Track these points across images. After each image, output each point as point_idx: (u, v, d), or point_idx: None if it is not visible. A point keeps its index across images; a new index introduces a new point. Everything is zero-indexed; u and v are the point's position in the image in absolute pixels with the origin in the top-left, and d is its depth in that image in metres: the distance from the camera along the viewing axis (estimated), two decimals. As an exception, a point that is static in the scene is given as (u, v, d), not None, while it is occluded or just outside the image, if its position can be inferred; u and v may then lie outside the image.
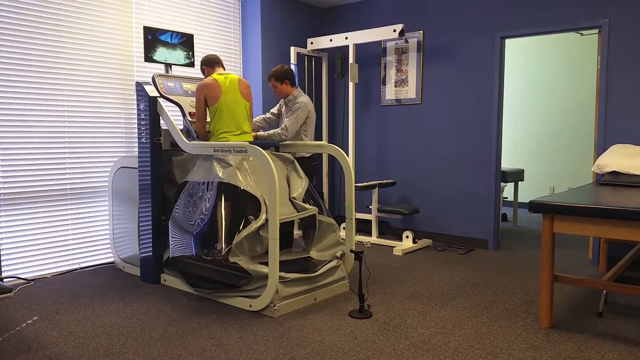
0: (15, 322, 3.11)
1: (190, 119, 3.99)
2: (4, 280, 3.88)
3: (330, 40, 5.52)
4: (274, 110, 4.49)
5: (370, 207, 5.46)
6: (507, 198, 7.58)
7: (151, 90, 3.89)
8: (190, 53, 4.30)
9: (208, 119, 4.00)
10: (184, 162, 4.08)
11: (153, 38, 4.03)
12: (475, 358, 2.62)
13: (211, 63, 4.00)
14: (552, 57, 7.48)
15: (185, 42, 4.26)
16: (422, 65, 5.44)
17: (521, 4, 4.77)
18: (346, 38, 5.39)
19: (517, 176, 6.47)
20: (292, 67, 5.51)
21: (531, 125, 7.70)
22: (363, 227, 5.88)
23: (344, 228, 5.46)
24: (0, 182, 3.85)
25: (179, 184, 3.93)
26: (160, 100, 3.90)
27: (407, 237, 5.15)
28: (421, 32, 5.41)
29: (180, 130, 3.83)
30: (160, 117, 3.91)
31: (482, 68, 5.03)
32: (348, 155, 5.60)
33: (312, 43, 5.68)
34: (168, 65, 4.17)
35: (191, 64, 4.32)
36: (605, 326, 3.05)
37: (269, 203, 3.16)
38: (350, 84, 5.37)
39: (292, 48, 5.53)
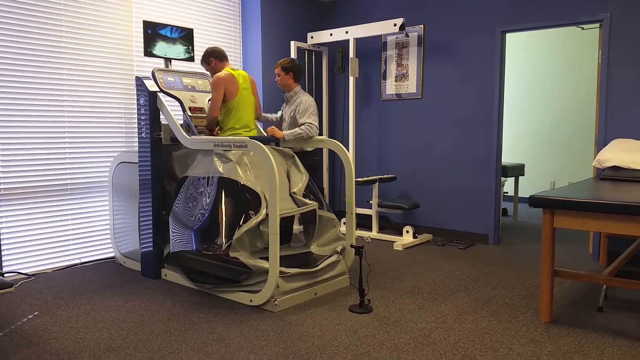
0: (16, 317, 3.12)
1: (190, 113, 3.98)
2: (5, 275, 3.88)
3: (331, 34, 5.50)
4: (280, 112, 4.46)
5: (370, 202, 5.46)
6: (507, 193, 7.58)
7: (151, 85, 3.88)
8: (190, 47, 4.28)
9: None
10: (184, 157, 4.08)
11: (153, 32, 4.02)
12: (475, 352, 2.63)
13: (221, 57, 3.97)
14: (552, 52, 7.45)
15: (185, 36, 4.24)
16: (422, 60, 5.43)
17: (522, -2, 4.76)
18: (346, 32, 5.37)
19: (517, 171, 6.47)
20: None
21: (532, 120, 7.69)
22: (363, 222, 5.88)
23: (344, 223, 5.45)
24: (0, 177, 3.85)
25: (179, 179, 3.93)
26: (160, 95, 3.89)
27: (408, 232, 5.15)
28: (422, 26, 5.39)
29: (180, 125, 3.82)
30: (160, 112, 3.90)
31: (483, 62, 5.01)
32: (348, 150, 5.59)
33: (312, 37, 5.66)
34: (168, 60, 4.16)
35: (191, 59, 4.31)
36: (605, 321, 3.05)
37: (269, 198, 3.16)
38: (351, 79, 5.36)
39: (292, 42, 5.52)
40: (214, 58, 3.96)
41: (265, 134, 4.10)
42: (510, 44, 7.74)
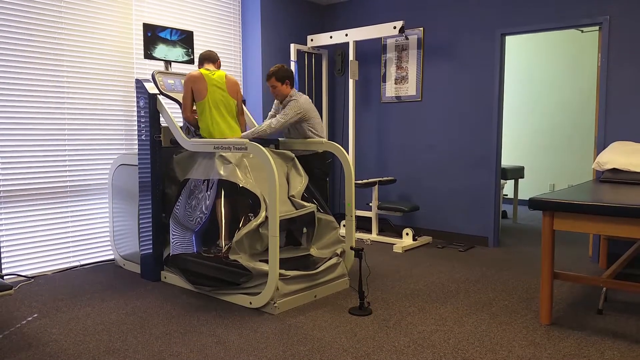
0: (15, 320, 3.12)
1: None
2: (4, 277, 3.88)
3: (331, 37, 5.51)
4: (272, 112, 4.41)
5: (370, 204, 5.46)
6: (507, 195, 7.58)
7: (151, 88, 3.88)
8: (190, 50, 4.29)
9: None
10: (185, 160, 4.08)
11: (153, 35, 4.03)
12: (475, 355, 2.63)
13: (200, 60, 3.92)
14: (552, 54, 7.47)
15: (185, 39, 4.25)
16: (422, 62, 5.43)
17: (521, 0, 4.76)
18: (346, 35, 5.38)
19: (517, 173, 6.47)
20: (292, 64, 5.51)
21: (531, 122, 7.70)
22: (363, 225, 5.88)
23: (344, 225, 5.46)
24: (0, 179, 3.85)
25: (180, 181, 3.93)
26: (160, 97, 3.90)
27: (407, 234, 5.15)
28: (421, 28, 5.40)
29: (180, 127, 3.82)
30: (160, 115, 3.91)
31: (483, 65, 5.02)
32: (348, 153, 5.60)
33: (312, 40, 5.67)
34: (168, 62, 4.17)
35: (191, 61, 4.31)
36: (605, 323, 3.05)
37: (268, 200, 3.16)
38: (351, 81, 5.36)
39: (292, 45, 5.52)
40: (198, 62, 3.94)
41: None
42: (510, 44, 7.75)
